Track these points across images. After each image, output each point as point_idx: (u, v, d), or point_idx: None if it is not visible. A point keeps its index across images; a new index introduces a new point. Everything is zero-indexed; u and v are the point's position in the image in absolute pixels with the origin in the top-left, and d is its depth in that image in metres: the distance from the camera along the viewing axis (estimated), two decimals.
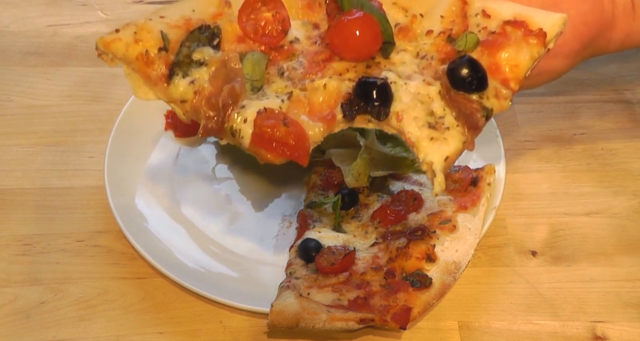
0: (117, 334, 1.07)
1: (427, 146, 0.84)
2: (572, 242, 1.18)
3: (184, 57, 0.88)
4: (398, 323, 1.00)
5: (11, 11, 1.57)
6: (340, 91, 0.86)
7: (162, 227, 1.17)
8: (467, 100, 0.85)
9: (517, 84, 0.87)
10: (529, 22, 0.88)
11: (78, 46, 1.50)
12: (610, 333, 1.08)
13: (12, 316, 1.08)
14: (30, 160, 1.29)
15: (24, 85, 1.42)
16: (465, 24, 0.91)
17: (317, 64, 0.88)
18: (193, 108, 0.87)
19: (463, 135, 0.84)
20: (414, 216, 1.13)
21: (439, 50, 0.90)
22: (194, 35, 0.89)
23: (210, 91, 0.86)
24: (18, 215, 1.21)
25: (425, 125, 0.84)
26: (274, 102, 0.85)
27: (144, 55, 0.87)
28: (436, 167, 0.83)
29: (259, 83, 0.88)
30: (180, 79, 0.88)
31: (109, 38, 0.88)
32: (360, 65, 0.88)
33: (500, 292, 1.13)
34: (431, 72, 0.88)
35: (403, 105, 0.85)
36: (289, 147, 0.82)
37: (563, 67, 0.94)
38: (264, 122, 0.83)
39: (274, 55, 0.90)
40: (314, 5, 0.93)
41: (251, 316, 1.08)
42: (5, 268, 1.13)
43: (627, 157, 1.31)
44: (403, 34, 0.92)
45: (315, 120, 0.85)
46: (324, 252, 1.08)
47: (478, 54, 0.88)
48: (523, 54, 0.87)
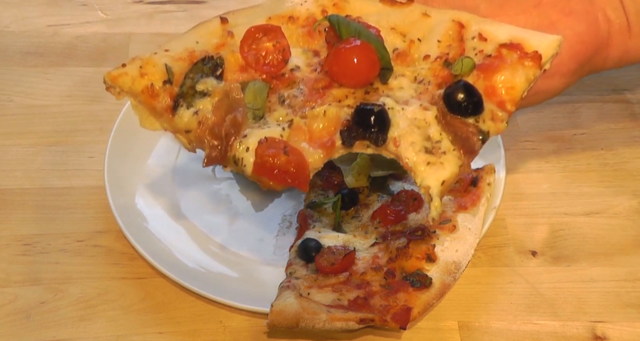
0: (117, 334, 1.07)
1: (424, 171, 0.85)
2: (572, 242, 1.18)
3: (188, 89, 0.90)
4: (398, 323, 1.00)
5: (11, 11, 1.57)
6: (339, 118, 0.87)
7: (162, 227, 1.17)
8: (463, 124, 0.87)
9: (514, 106, 0.88)
10: (524, 45, 0.89)
11: (78, 46, 1.50)
12: (610, 333, 1.08)
13: (12, 316, 1.08)
14: (30, 160, 1.29)
15: (24, 85, 1.42)
16: (461, 48, 0.92)
17: (317, 91, 0.90)
18: (197, 138, 0.89)
19: (459, 159, 0.86)
20: (414, 216, 1.13)
21: (435, 75, 0.91)
22: (197, 66, 0.91)
23: (213, 121, 0.88)
24: (18, 215, 1.21)
25: (422, 150, 0.85)
26: (275, 130, 0.87)
27: (149, 88, 0.89)
28: (433, 191, 0.84)
29: (260, 112, 0.89)
30: (184, 110, 0.90)
31: (115, 73, 0.91)
32: (359, 92, 0.90)
33: (500, 292, 1.13)
34: (428, 97, 0.89)
35: (400, 130, 0.86)
36: (289, 175, 0.84)
37: (560, 85, 0.95)
38: (265, 151, 0.84)
39: (275, 83, 0.91)
40: (314, 33, 0.95)
41: (251, 316, 1.08)
42: (5, 268, 1.13)
43: (627, 157, 1.31)
44: (401, 59, 0.93)
45: (315, 147, 0.87)
46: (324, 252, 1.08)
47: (474, 77, 0.89)
48: (519, 76, 0.88)
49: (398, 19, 0.94)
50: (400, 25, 0.94)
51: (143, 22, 1.56)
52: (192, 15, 1.58)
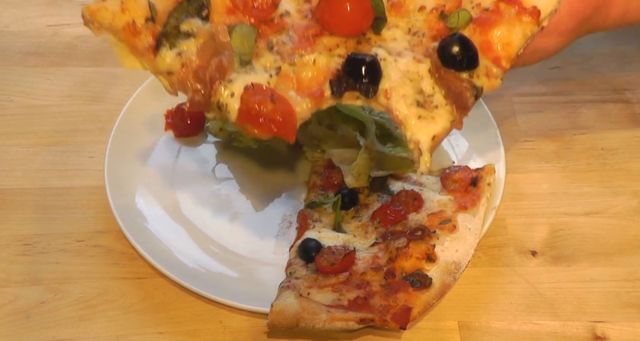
0: (117, 334, 1.07)
1: (414, 124, 0.83)
2: (572, 242, 1.18)
3: (172, 28, 0.87)
4: (398, 323, 1.00)
5: (11, 11, 1.57)
6: (329, 67, 0.85)
7: (162, 227, 1.17)
8: (457, 78, 0.84)
9: (509, 63, 0.86)
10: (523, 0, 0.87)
11: (78, 46, 1.50)
12: (610, 333, 1.08)
13: (12, 316, 1.08)
14: (30, 160, 1.29)
15: (24, 85, 1.42)
16: (458, 0, 0.89)
17: (307, 39, 0.87)
18: (180, 81, 0.86)
19: (451, 114, 0.84)
20: (414, 216, 1.13)
21: (430, 27, 0.88)
22: (182, 5, 0.88)
23: (197, 64, 0.85)
24: (18, 215, 1.21)
25: (414, 103, 0.83)
26: (262, 77, 0.84)
27: (130, 25, 0.86)
28: (423, 146, 0.82)
29: (247, 57, 0.86)
30: (167, 51, 0.86)
31: (94, 7, 0.87)
32: (351, 41, 0.87)
33: (500, 292, 1.13)
34: (422, 49, 0.86)
35: (392, 82, 0.84)
36: (276, 124, 0.82)
37: (558, 44, 0.93)
38: (251, 98, 0.82)
39: (264, 28, 0.88)
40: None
41: (251, 316, 1.08)
42: (5, 268, 1.13)
43: (627, 157, 1.31)
44: (396, 10, 0.90)
45: (303, 96, 0.84)
46: (324, 252, 1.08)
47: (470, 31, 0.87)
48: (516, 32, 0.86)
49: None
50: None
51: None
52: None
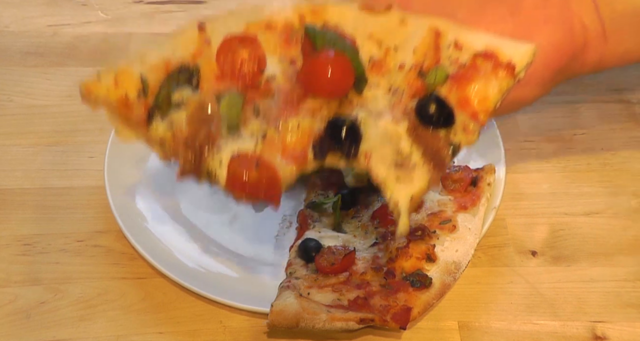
0: (117, 334, 1.07)
1: (393, 185, 0.85)
2: (572, 242, 1.18)
3: (163, 99, 0.89)
4: (398, 323, 1.00)
5: (11, 11, 1.57)
6: (312, 130, 0.87)
7: (162, 227, 1.17)
8: (434, 137, 0.87)
9: (486, 116, 0.88)
10: (498, 54, 0.88)
11: (78, 46, 1.50)
12: (610, 333, 1.08)
13: (12, 316, 1.08)
14: (30, 160, 1.29)
15: (24, 85, 1.42)
16: (437, 57, 0.91)
17: (291, 103, 0.89)
18: (171, 151, 0.89)
19: (429, 174, 0.85)
20: (414, 216, 1.13)
21: (410, 85, 0.90)
22: (173, 76, 0.90)
23: (187, 133, 0.88)
24: (18, 215, 1.21)
25: (392, 165, 0.85)
26: (249, 143, 0.87)
27: (123, 99, 0.88)
28: (401, 207, 0.84)
29: (235, 123, 0.89)
30: (159, 122, 0.89)
31: (90, 83, 0.90)
32: (334, 102, 0.89)
33: (500, 292, 1.13)
34: (401, 108, 0.88)
35: (371, 143, 0.86)
36: (261, 190, 0.84)
37: (535, 94, 0.95)
38: (237, 167, 0.85)
39: (251, 93, 0.90)
40: (291, 41, 0.94)
41: (251, 316, 1.08)
42: (5, 268, 1.13)
43: (627, 157, 1.31)
44: (377, 69, 0.92)
45: (288, 161, 0.86)
46: (324, 252, 1.08)
47: (448, 87, 0.88)
48: (492, 86, 0.87)
49: (376, 26, 0.93)
50: (377, 32, 0.93)
51: (143, 22, 1.56)
52: (192, 15, 1.58)
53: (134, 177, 1.22)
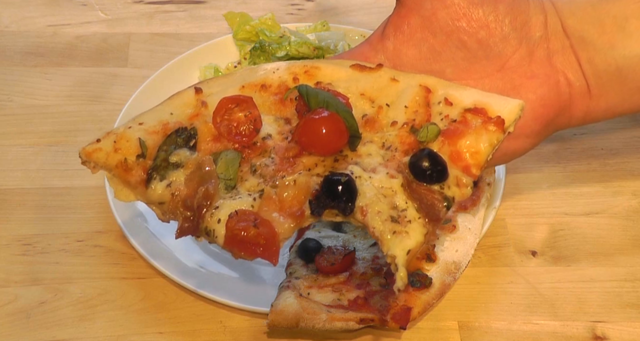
0: (117, 334, 1.07)
1: (390, 240, 0.86)
2: (572, 242, 1.18)
3: (162, 161, 0.91)
4: (398, 323, 1.00)
5: (11, 11, 1.57)
6: (309, 187, 0.88)
7: (162, 227, 1.16)
8: (428, 191, 0.88)
9: (479, 170, 0.89)
10: (488, 109, 0.90)
11: (78, 46, 1.50)
12: (610, 333, 1.08)
13: (12, 316, 1.08)
14: (30, 160, 1.29)
15: (24, 85, 1.42)
16: (428, 113, 0.93)
17: (287, 160, 0.91)
18: (170, 210, 0.90)
19: (424, 227, 0.86)
20: None
21: (402, 142, 0.92)
22: (170, 138, 0.92)
23: (186, 193, 0.89)
24: (18, 215, 1.21)
25: (388, 219, 0.86)
26: (246, 201, 0.88)
27: (122, 163, 0.90)
28: (399, 261, 0.85)
29: (232, 182, 0.90)
30: (157, 183, 0.90)
31: (90, 148, 0.91)
32: (329, 159, 0.91)
33: (500, 292, 1.13)
34: (395, 164, 0.90)
35: (367, 199, 0.87)
36: (260, 247, 0.86)
37: (526, 146, 0.98)
38: (236, 225, 0.86)
39: (247, 152, 0.92)
40: (285, 101, 0.96)
41: (251, 316, 1.08)
42: (5, 268, 1.14)
43: (627, 157, 1.31)
44: (370, 125, 0.94)
45: (285, 217, 0.87)
46: (324, 252, 1.08)
47: (440, 143, 0.90)
48: (483, 141, 0.89)
49: (367, 85, 0.96)
50: (369, 90, 0.95)
51: (143, 22, 1.56)
52: (192, 15, 1.58)
53: None
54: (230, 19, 1.49)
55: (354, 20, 1.58)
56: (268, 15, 1.45)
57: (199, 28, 1.56)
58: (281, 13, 1.58)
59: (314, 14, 1.59)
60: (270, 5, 1.61)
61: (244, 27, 1.43)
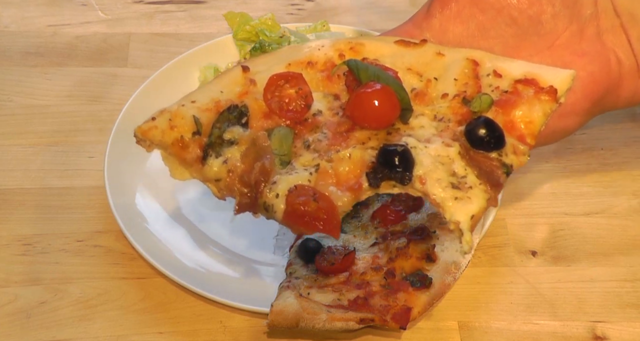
0: (117, 334, 1.07)
1: (452, 206, 0.86)
2: (572, 242, 1.19)
3: (216, 138, 0.92)
4: (398, 323, 1.00)
5: (11, 11, 1.57)
6: (364, 160, 0.89)
7: (162, 227, 1.17)
8: (486, 158, 0.88)
9: (533, 139, 0.90)
10: (539, 80, 0.91)
11: (78, 46, 1.50)
12: (610, 333, 1.08)
13: (12, 316, 1.08)
14: (30, 160, 1.29)
15: (24, 85, 1.42)
16: (478, 85, 0.93)
17: (340, 135, 0.92)
18: (227, 187, 0.91)
19: (486, 193, 0.87)
20: (414, 216, 1.13)
21: (455, 113, 0.92)
22: (223, 116, 0.93)
23: (242, 169, 0.90)
24: (18, 215, 1.21)
25: (449, 186, 0.87)
26: (303, 176, 0.88)
27: (179, 140, 0.91)
28: (463, 226, 0.85)
29: (287, 157, 0.91)
30: (213, 160, 0.91)
31: (145, 127, 0.92)
32: (381, 133, 0.92)
33: (500, 292, 1.13)
34: (450, 134, 0.90)
35: (425, 168, 0.87)
36: (320, 221, 0.86)
37: (575, 125, 0.98)
38: (296, 199, 0.86)
39: (299, 128, 0.93)
40: (333, 77, 0.97)
41: (251, 316, 1.08)
42: (5, 268, 1.14)
43: (627, 157, 1.31)
44: (420, 99, 0.95)
45: (343, 190, 0.88)
46: (324, 252, 1.08)
47: (493, 113, 0.91)
48: (536, 110, 0.90)
49: (413, 59, 0.96)
50: (415, 65, 0.96)
51: (143, 22, 1.56)
52: (192, 15, 1.58)
53: (134, 177, 1.22)
54: (230, 19, 1.48)
55: (354, 20, 1.58)
56: (268, 15, 1.45)
57: (199, 28, 1.56)
58: (281, 13, 1.58)
59: (314, 14, 1.59)
60: (270, 5, 1.61)
61: (244, 27, 1.43)
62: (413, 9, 1.55)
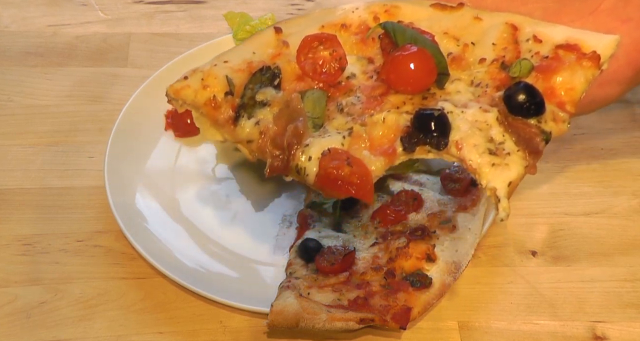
0: (117, 334, 1.07)
1: (489, 172, 0.85)
2: (572, 242, 1.18)
3: (249, 99, 0.91)
4: (398, 323, 1.00)
5: (11, 11, 1.57)
6: (398, 124, 0.88)
7: (162, 227, 1.17)
8: (525, 125, 0.87)
9: (573, 107, 0.88)
10: (581, 45, 0.89)
11: (78, 46, 1.50)
12: (610, 333, 1.08)
13: (12, 316, 1.08)
14: (30, 160, 1.29)
15: (24, 85, 1.42)
16: (517, 50, 0.92)
17: (374, 99, 0.91)
18: (259, 148, 0.90)
19: (524, 160, 0.85)
20: (414, 216, 1.13)
21: (493, 78, 0.91)
22: (256, 77, 0.92)
23: (275, 131, 0.89)
24: (18, 215, 1.21)
25: (486, 152, 0.85)
26: (336, 139, 0.88)
27: (211, 100, 0.90)
28: (500, 193, 0.84)
29: (320, 120, 0.90)
30: (246, 121, 0.91)
31: (178, 85, 0.91)
32: (417, 97, 0.90)
33: (500, 292, 1.13)
34: (487, 100, 0.89)
35: (462, 133, 0.86)
36: (354, 186, 0.85)
37: (617, 93, 0.96)
38: (329, 163, 0.85)
39: (333, 91, 0.92)
40: (367, 40, 0.95)
41: (251, 316, 1.08)
42: (5, 268, 1.13)
43: (627, 157, 1.31)
44: (456, 64, 0.93)
45: (376, 155, 0.87)
46: (324, 252, 1.08)
47: (533, 79, 0.89)
48: (578, 77, 0.88)
49: (450, 23, 0.95)
50: (452, 29, 0.95)
51: (143, 22, 1.56)
52: (192, 15, 1.58)
53: (134, 177, 1.22)
54: (230, 19, 1.48)
55: None
56: (268, 15, 1.45)
57: (199, 28, 1.56)
58: (281, 13, 1.58)
59: None
60: (270, 5, 1.61)
61: (244, 27, 1.43)
62: None
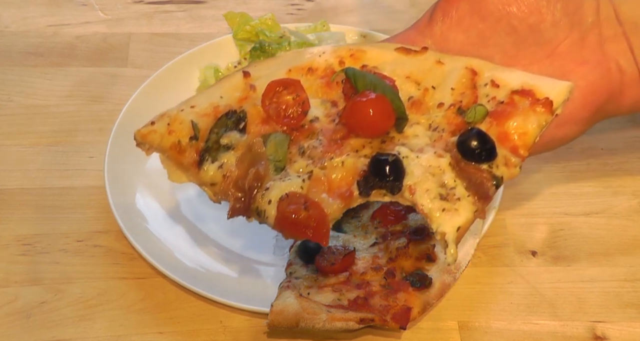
0: (117, 334, 1.07)
1: (439, 217, 0.86)
2: (572, 242, 1.19)
3: (213, 143, 0.93)
4: (398, 323, 1.00)
5: (11, 11, 1.57)
6: (357, 168, 0.89)
7: (162, 227, 1.17)
8: (477, 170, 0.88)
9: (527, 151, 0.90)
10: (536, 91, 0.90)
11: (78, 46, 1.50)
12: (610, 333, 1.08)
13: (12, 316, 1.08)
14: (30, 160, 1.29)
15: (24, 85, 1.42)
16: (474, 95, 0.93)
17: (335, 142, 0.92)
18: (222, 191, 0.92)
19: (474, 205, 0.87)
20: (414, 216, 1.13)
21: (449, 122, 0.92)
22: (221, 121, 0.94)
23: (237, 174, 0.91)
24: (18, 215, 1.21)
25: (437, 197, 0.87)
26: (296, 182, 0.89)
27: (176, 144, 0.92)
28: (449, 238, 0.86)
29: (282, 163, 0.92)
30: (209, 164, 0.92)
31: (145, 130, 0.93)
32: (376, 141, 0.92)
33: (500, 292, 1.13)
34: (442, 144, 0.90)
35: (415, 178, 0.88)
36: (310, 229, 0.87)
37: (574, 133, 0.98)
38: (287, 207, 0.87)
39: (296, 135, 0.94)
40: (332, 84, 0.97)
41: (251, 316, 1.08)
42: (5, 268, 1.14)
43: (627, 157, 1.31)
44: (416, 107, 0.95)
45: (334, 198, 0.89)
46: (324, 251, 1.08)
47: (487, 124, 0.90)
48: (531, 122, 0.89)
49: (413, 67, 0.96)
50: (415, 73, 0.96)
51: (143, 22, 1.56)
52: (192, 15, 1.58)
53: (134, 177, 1.22)
54: (230, 19, 1.48)
55: (354, 20, 1.58)
56: (268, 15, 1.45)
57: (199, 28, 1.56)
58: (281, 13, 1.58)
59: (314, 14, 1.59)
60: (270, 5, 1.61)
61: (244, 27, 1.43)
62: (413, 9, 1.55)
